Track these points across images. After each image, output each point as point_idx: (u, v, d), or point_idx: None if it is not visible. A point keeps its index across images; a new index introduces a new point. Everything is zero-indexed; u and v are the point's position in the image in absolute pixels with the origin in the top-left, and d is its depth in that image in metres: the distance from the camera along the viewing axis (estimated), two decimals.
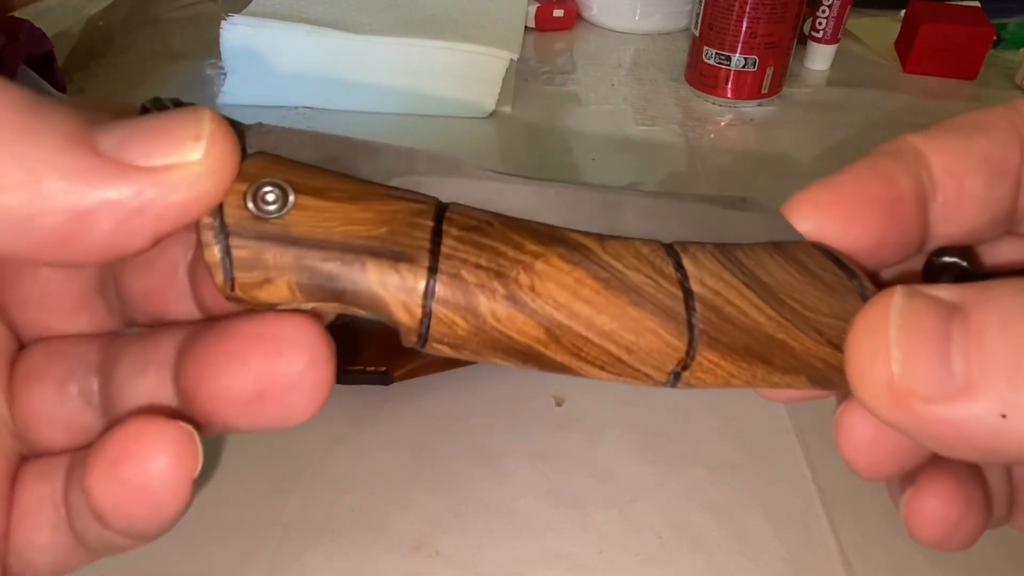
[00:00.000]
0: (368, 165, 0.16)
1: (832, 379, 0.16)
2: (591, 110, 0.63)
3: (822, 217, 0.16)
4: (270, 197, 0.14)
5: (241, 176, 0.14)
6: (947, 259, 0.17)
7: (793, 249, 0.16)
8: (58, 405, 0.17)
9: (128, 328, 0.18)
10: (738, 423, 0.37)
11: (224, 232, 0.14)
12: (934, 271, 0.18)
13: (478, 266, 0.15)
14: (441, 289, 0.14)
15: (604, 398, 0.38)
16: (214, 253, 0.14)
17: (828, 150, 0.59)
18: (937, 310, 0.14)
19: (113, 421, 0.16)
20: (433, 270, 0.14)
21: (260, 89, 0.58)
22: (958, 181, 0.17)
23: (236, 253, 0.14)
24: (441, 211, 0.15)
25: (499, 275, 0.15)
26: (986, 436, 0.13)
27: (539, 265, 0.15)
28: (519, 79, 0.64)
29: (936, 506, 0.17)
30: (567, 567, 0.31)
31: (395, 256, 0.14)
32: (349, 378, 0.36)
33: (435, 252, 0.14)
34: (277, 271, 0.14)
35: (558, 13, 0.74)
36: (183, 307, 0.17)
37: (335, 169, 0.15)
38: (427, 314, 0.14)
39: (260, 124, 0.15)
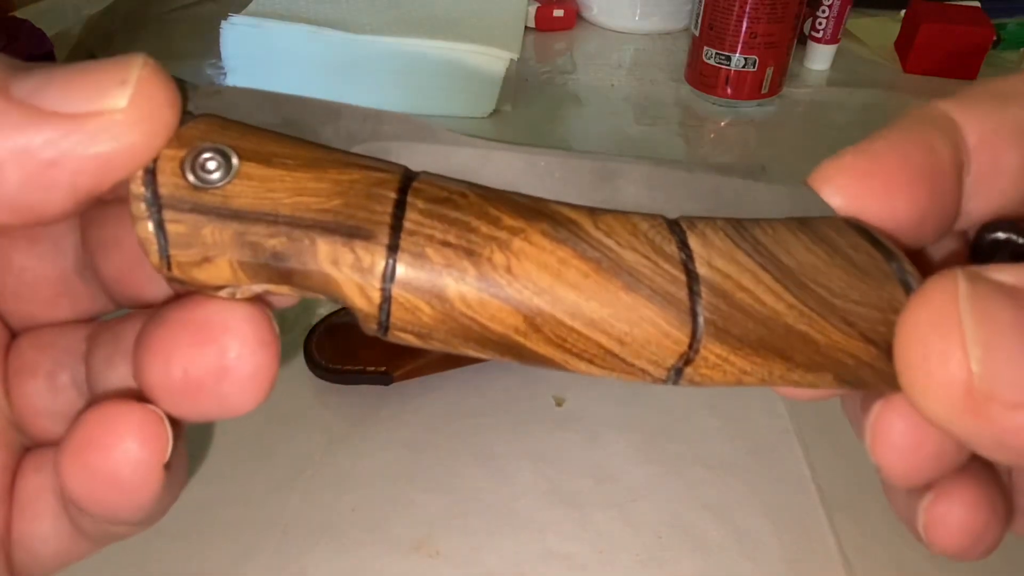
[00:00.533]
0: (329, 129, 0.14)
1: (865, 378, 0.14)
2: (591, 110, 0.63)
3: (860, 188, 0.14)
4: (211, 165, 0.12)
5: (179, 140, 0.12)
6: (1001, 235, 0.15)
7: (821, 226, 0.14)
8: (52, 396, 0.16)
9: (118, 311, 0.17)
10: (738, 423, 0.37)
11: (157, 204, 0.12)
12: (985, 248, 0.15)
13: (446, 243, 0.13)
14: (402, 270, 0.12)
15: (604, 398, 0.38)
16: (146, 228, 0.12)
17: (828, 150, 0.58)
18: (1007, 297, 0.12)
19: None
20: (393, 248, 0.12)
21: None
22: (993, 153, 0.15)
23: (171, 228, 0.12)
24: (407, 181, 0.13)
25: (470, 254, 0.13)
26: None
27: (517, 243, 0.13)
28: (519, 79, 0.64)
29: (962, 514, 0.16)
30: (567, 567, 0.31)
31: (350, 232, 0.12)
32: (349, 378, 0.36)
33: (396, 228, 0.13)
34: (217, 249, 0.12)
35: (558, 13, 0.74)
36: (156, 288, 0.16)
37: (291, 134, 0.13)
38: (386, 299, 0.13)
39: (210, 84, 0.14)
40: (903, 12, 0.73)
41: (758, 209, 0.15)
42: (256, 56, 0.57)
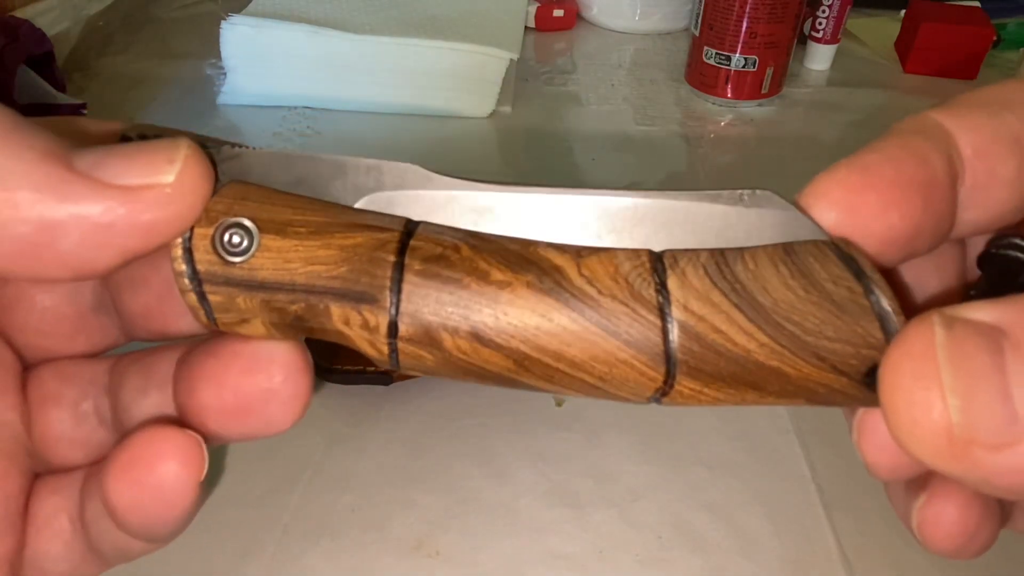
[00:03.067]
0: (337, 184, 0.16)
1: (838, 401, 0.15)
2: (591, 110, 0.63)
3: (855, 202, 0.15)
4: (236, 239, 0.14)
5: (208, 217, 0.14)
6: (1011, 252, 0.15)
7: (806, 255, 0.14)
8: (75, 424, 0.18)
9: (128, 344, 0.19)
10: (738, 423, 0.37)
11: (197, 279, 0.14)
12: (995, 263, 0.15)
13: (440, 302, 0.14)
14: (404, 328, 0.14)
15: None
16: (193, 299, 0.15)
17: (828, 150, 0.58)
18: (983, 339, 0.12)
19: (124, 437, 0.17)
20: (395, 311, 0.14)
21: (260, 89, 0.58)
22: (988, 163, 0.15)
23: (211, 298, 0.15)
24: (406, 239, 0.15)
25: (463, 310, 0.14)
26: None
27: (505, 296, 0.14)
28: (519, 79, 0.64)
29: (954, 514, 0.16)
30: (567, 567, 0.31)
31: (357, 297, 0.14)
32: (349, 378, 0.36)
33: (396, 291, 0.14)
34: (251, 313, 0.15)
35: (558, 13, 0.74)
36: (183, 322, 0.17)
37: (304, 192, 0.15)
38: (393, 350, 0.15)
39: (229, 146, 0.15)
40: (903, 12, 0.73)
41: (747, 235, 0.15)
42: (256, 56, 0.57)
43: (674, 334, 0.14)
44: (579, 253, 0.15)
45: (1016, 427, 0.12)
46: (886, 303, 0.14)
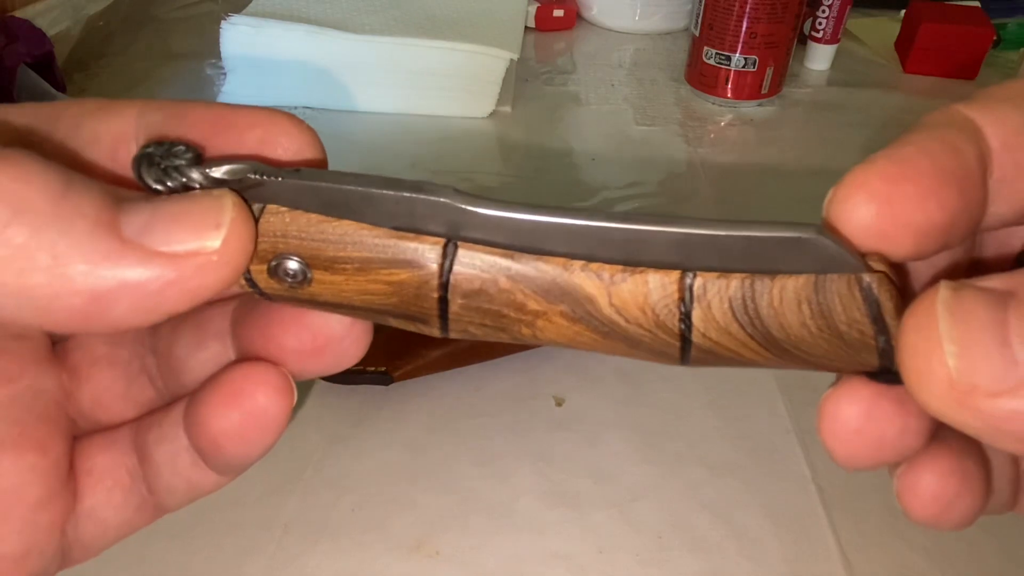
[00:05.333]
0: (370, 211, 0.16)
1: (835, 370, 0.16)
2: (591, 110, 0.63)
3: (893, 193, 0.15)
4: (291, 269, 0.15)
5: (258, 256, 0.15)
6: None
7: (832, 293, 0.15)
8: (127, 384, 0.19)
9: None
10: (738, 423, 0.37)
11: (266, 295, 0.16)
12: None
13: (483, 324, 0.16)
14: (454, 335, 0.17)
15: (604, 398, 0.38)
16: (264, 298, 0.16)
17: (828, 150, 0.58)
18: (989, 299, 0.13)
19: (176, 393, 0.19)
20: (445, 329, 0.16)
21: (260, 89, 0.58)
22: (1016, 156, 0.15)
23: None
24: (447, 274, 0.15)
25: (503, 329, 0.16)
26: None
27: (540, 323, 0.16)
28: (519, 79, 0.64)
29: (930, 482, 0.17)
30: (567, 567, 0.31)
31: (412, 317, 0.16)
32: (349, 378, 0.36)
33: (444, 316, 0.16)
34: None
35: (558, 13, 0.74)
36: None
37: (335, 213, 0.16)
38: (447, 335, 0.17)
39: (250, 176, 0.15)
40: (903, 12, 0.73)
41: (783, 265, 0.16)
42: (256, 56, 0.57)
43: (691, 350, 0.16)
44: (612, 279, 0.15)
45: (1016, 373, 0.12)
46: (892, 342, 0.15)
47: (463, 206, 0.15)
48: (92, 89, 0.61)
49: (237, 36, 0.56)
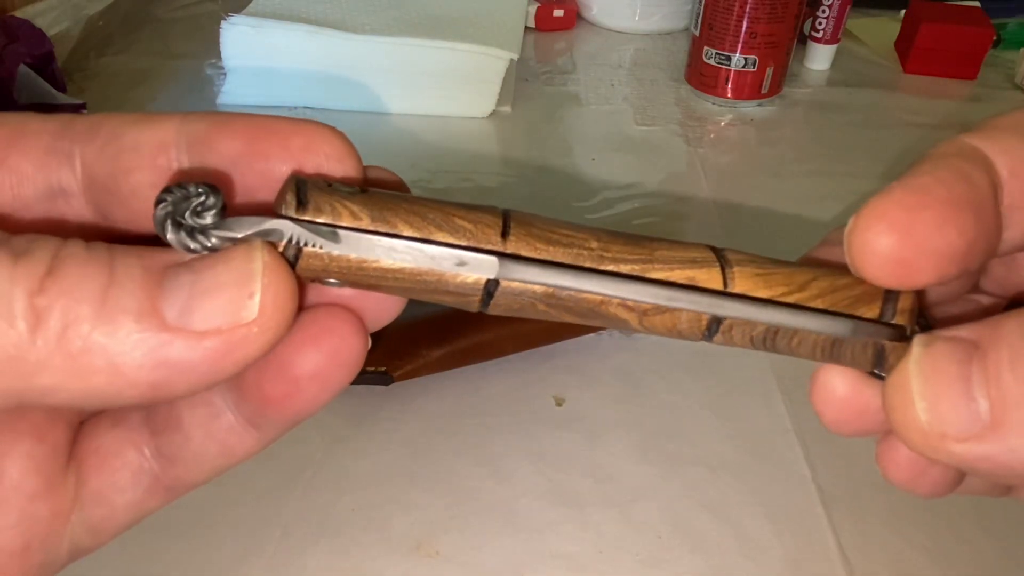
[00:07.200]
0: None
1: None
2: (591, 110, 0.63)
3: (913, 221, 0.15)
4: (331, 282, 0.16)
5: (303, 278, 0.15)
6: None
7: (847, 348, 0.17)
8: None
9: None
10: (738, 423, 0.37)
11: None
12: None
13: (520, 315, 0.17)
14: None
15: (604, 398, 0.38)
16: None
17: (828, 150, 0.59)
18: (957, 352, 0.15)
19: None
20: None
21: (260, 89, 0.58)
22: (1023, 184, 0.16)
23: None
24: (487, 298, 0.16)
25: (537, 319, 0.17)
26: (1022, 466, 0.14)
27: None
28: (519, 79, 0.64)
29: (906, 450, 0.18)
30: (567, 567, 0.31)
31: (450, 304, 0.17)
32: None
33: (481, 313, 0.17)
34: None
35: (558, 13, 0.74)
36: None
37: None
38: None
39: (274, 235, 0.15)
40: (903, 12, 0.73)
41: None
42: (256, 56, 0.57)
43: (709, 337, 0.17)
44: (645, 314, 0.16)
45: (979, 423, 0.14)
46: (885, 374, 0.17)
47: (506, 266, 0.16)
48: (92, 89, 0.61)
49: (237, 36, 0.57)
